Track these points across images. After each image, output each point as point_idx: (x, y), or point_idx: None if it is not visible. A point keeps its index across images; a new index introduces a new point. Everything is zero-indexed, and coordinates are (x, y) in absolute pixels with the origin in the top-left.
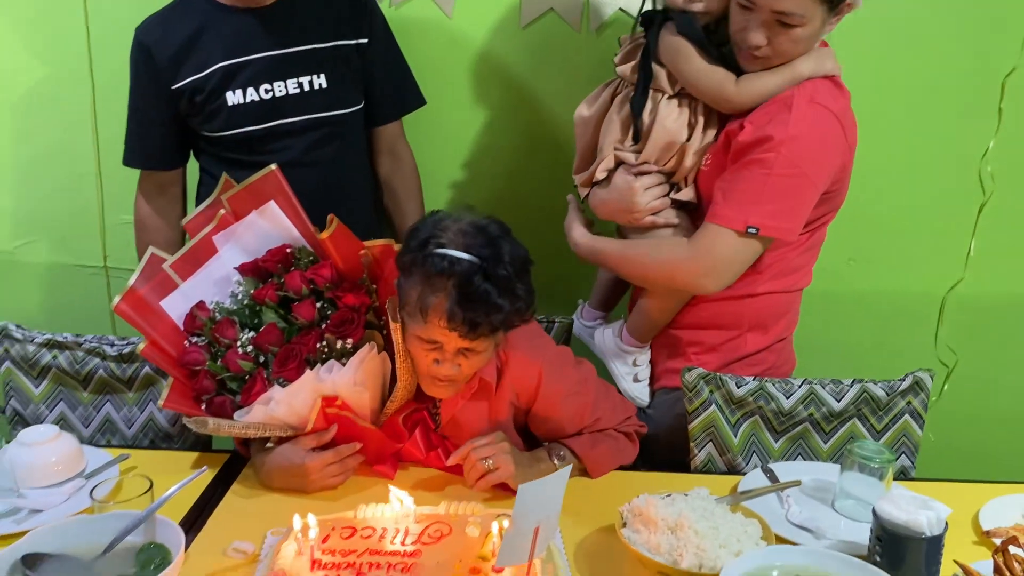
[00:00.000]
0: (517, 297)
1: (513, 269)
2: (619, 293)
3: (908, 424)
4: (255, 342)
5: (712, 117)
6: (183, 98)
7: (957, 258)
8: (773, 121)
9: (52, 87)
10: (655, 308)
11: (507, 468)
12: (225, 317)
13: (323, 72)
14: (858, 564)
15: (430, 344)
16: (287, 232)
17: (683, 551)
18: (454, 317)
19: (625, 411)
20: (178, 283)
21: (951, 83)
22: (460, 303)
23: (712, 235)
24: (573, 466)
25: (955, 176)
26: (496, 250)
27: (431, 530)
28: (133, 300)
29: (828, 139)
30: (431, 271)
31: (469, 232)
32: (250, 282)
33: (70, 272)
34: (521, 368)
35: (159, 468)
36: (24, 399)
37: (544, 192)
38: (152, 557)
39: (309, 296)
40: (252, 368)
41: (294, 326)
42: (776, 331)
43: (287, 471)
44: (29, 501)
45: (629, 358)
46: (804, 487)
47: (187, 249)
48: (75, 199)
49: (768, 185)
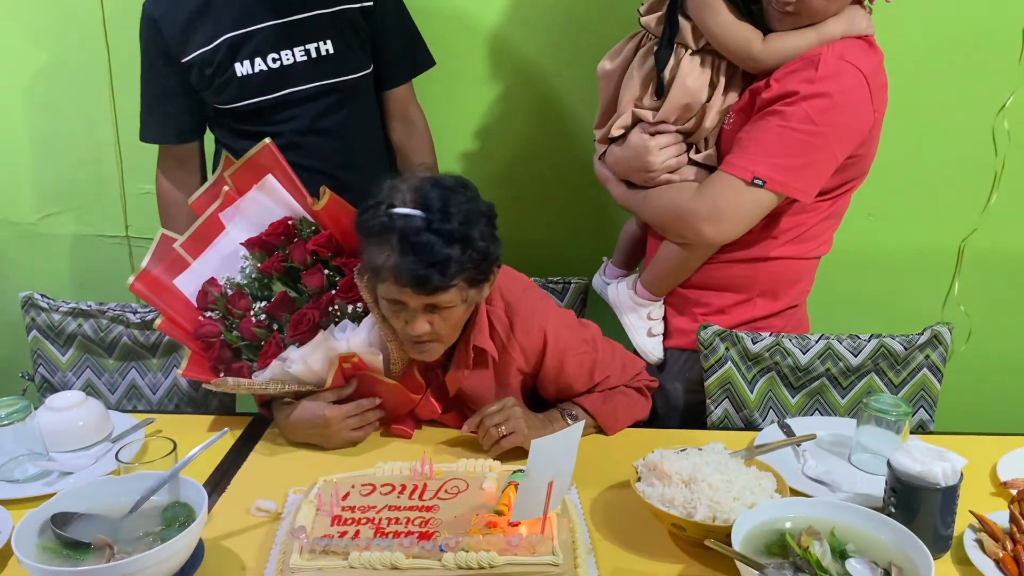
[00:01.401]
0: (468, 248)
1: (461, 219)
2: (640, 252)
3: (926, 378)
4: (267, 310)
5: (735, 78)
6: (193, 71)
7: (974, 212)
8: (797, 76)
9: (69, 60)
10: (671, 259)
11: (520, 432)
12: (237, 290)
13: (329, 38)
14: (872, 515)
15: (396, 305)
16: (287, 205)
17: (697, 504)
18: (400, 272)
19: (634, 367)
20: (189, 262)
21: (969, 34)
22: (403, 257)
23: (719, 182)
24: (588, 424)
25: (974, 129)
26: (444, 202)
27: (448, 486)
28: (147, 280)
29: (853, 100)
30: (378, 229)
31: (419, 188)
32: (257, 256)
33: (93, 242)
34: (526, 331)
35: (183, 432)
36: (52, 367)
37: (559, 154)
38: (177, 515)
39: (315, 264)
40: (266, 335)
41: (304, 294)
42: (787, 298)
43: (309, 424)
44: (58, 464)
45: (643, 311)
46: (820, 441)
47: (195, 228)
48: (96, 170)
49: (783, 138)
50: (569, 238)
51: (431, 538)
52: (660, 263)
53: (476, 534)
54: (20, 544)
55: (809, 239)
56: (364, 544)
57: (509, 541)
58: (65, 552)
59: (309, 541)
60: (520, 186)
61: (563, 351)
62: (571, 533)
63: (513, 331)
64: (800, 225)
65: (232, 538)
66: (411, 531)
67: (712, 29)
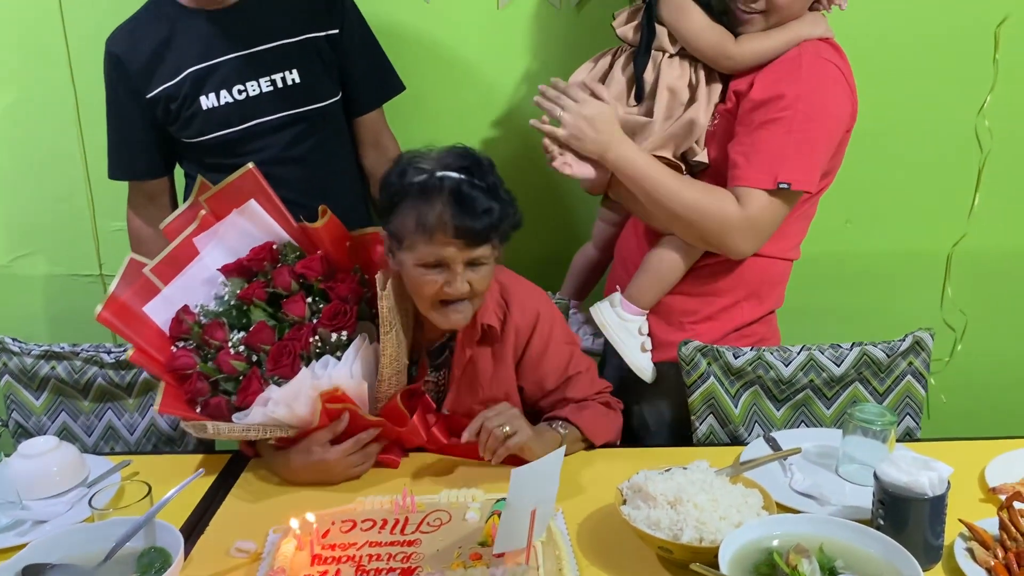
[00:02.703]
0: (504, 201)
1: (492, 177)
2: (595, 279)
3: (911, 385)
4: (246, 341)
5: (713, 74)
6: (159, 106)
7: (960, 214)
8: (784, 79)
9: (35, 98)
10: (661, 266)
11: (524, 431)
12: (213, 319)
13: (296, 67)
14: (860, 529)
15: (437, 267)
16: (270, 230)
17: (683, 525)
18: (459, 224)
19: (601, 384)
20: (160, 287)
21: (943, 36)
22: (459, 211)
23: (745, 199)
24: (574, 438)
25: (953, 131)
26: (474, 160)
27: (431, 518)
28: (116, 307)
29: (837, 93)
30: (423, 191)
31: (443, 155)
32: (236, 282)
33: (66, 282)
34: (521, 309)
35: (161, 473)
36: (26, 412)
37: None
38: (153, 561)
39: (299, 291)
40: (245, 368)
41: (284, 323)
42: (769, 302)
43: (310, 467)
44: (32, 513)
45: (632, 326)
46: (807, 453)
47: (167, 252)
48: (66, 209)
49: (790, 142)
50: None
51: (413, 573)
52: (649, 273)
53: (459, 567)
54: None
55: (785, 237)
56: None
57: (493, 574)
58: None
59: None
60: None
61: (549, 336)
62: (557, 561)
63: (509, 310)
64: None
65: None
66: (393, 567)
67: (686, 33)
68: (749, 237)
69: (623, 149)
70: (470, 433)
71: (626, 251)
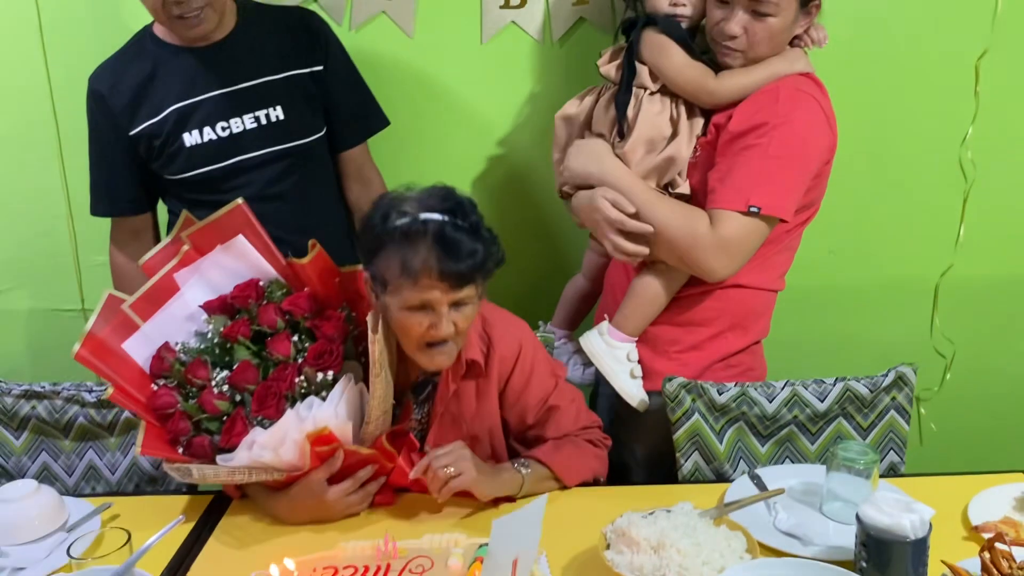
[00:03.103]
0: (487, 239)
1: (474, 217)
2: (586, 309)
3: (894, 420)
4: (231, 381)
5: (694, 109)
6: (141, 143)
7: (946, 245)
8: (763, 110)
9: (16, 134)
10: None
11: (468, 473)
12: (196, 357)
13: (279, 104)
14: (841, 573)
15: (422, 309)
16: (256, 266)
17: (666, 571)
18: (442, 268)
19: (588, 419)
20: (139, 324)
21: (924, 69)
22: (444, 255)
23: (718, 220)
24: (544, 476)
25: (936, 163)
26: (456, 201)
27: (413, 564)
28: (94, 345)
29: (814, 123)
30: (406, 235)
31: (423, 196)
32: (219, 320)
33: (49, 317)
34: (504, 341)
35: (142, 515)
36: (6, 452)
37: (512, 207)
38: None
39: (284, 330)
40: (229, 408)
41: (269, 362)
42: (754, 332)
43: (309, 508)
44: (10, 560)
45: (620, 353)
46: (792, 491)
47: (147, 288)
48: (48, 243)
49: (764, 167)
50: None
51: None
52: (634, 300)
53: None
54: None
55: (769, 268)
56: None
57: None
58: None
59: None
60: None
61: (531, 367)
62: None
63: (492, 343)
64: (762, 255)
65: None
66: None
67: (667, 71)
68: (720, 257)
69: (610, 161)
70: (418, 471)
71: (615, 280)
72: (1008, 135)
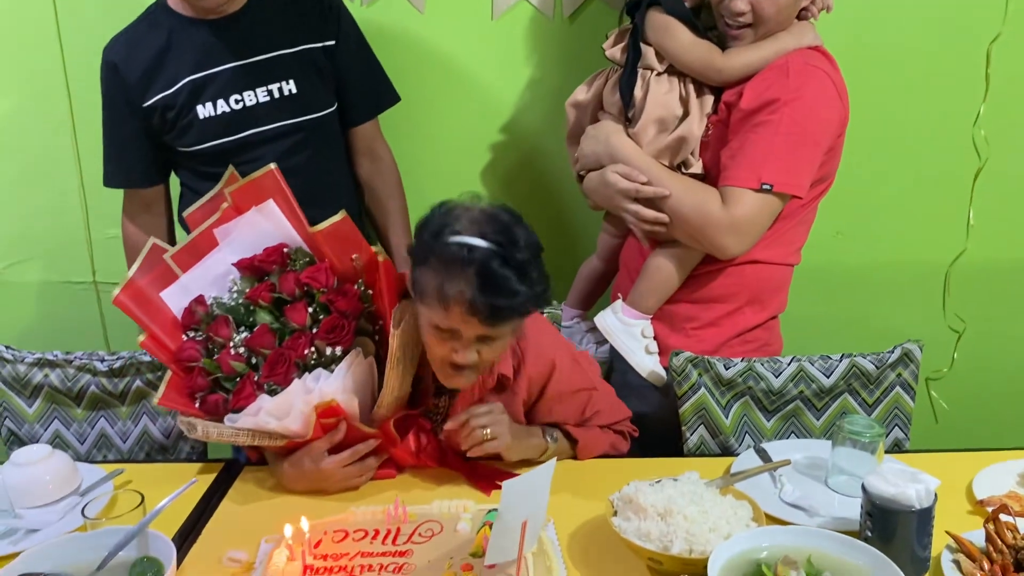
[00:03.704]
0: (534, 282)
1: (529, 254)
2: (600, 290)
3: (900, 396)
4: (247, 343)
5: (703, 88)
6: (155, 115)
7: (956, 228)
8: (774, 85)
9: (30, 106)
10: (660, 270)
11: (504, 438)
12: (221, 315)
13: (292, 78)
14: (848, 541)
15: (448, 333)
16: (284, 231)
17: (673, 537)
18: (476, 304)
19: (621, 413)
20: (178, 274)
21: (936, 53)
22: (482, 290)
23: (730, 198)
24: (562, 451)
25: (946, 145)
26: (511, 235)
27: (422, 529)
28: (132, 291)
29: (825, 97)
30: (449, 259)
31: (482, 219)
32: (246, 280)
33: (60, 289)
34: (536, 361)
35: (154, 481)
36: (18, 419)
37: (524, 184)
38: (145, 571)
39: (302, 299)
40: (243, 369)
41: (286, 328)
42: (771, 308)
43: (307, 477)
44: (25, 521)
45: (635, 329)
46: (797, 465)
47: (189, 241)
48: (60, 216)
49: (776, 144)
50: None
51: None
52: (647, 279)
53: None
54: None
55: (784, 244)
56: None
57: None
58: None
59: None
60: None
61: (564, 386)
62: (548, 572)
63: (524, 360)
64: (777, 230)
65: None
66: None
67: (673, 51)
68: (733, 235)
69: (617, 139)
70: (455, 423)
71: (629, 260)
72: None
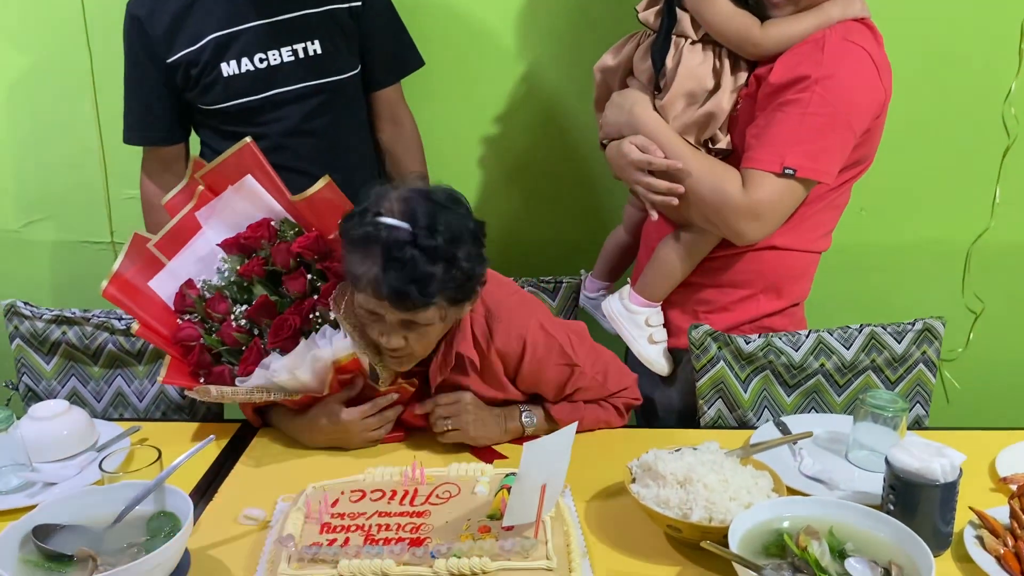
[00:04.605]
0: (455, 267)
1: (448, 237)
2: (626, 262)
3: (922, 373)
4: (248, 315)
5: (739, 61)
6: (178, 71)
7: (981, 206)
8: (806, 61)
9: (50, 63)
10: (668, 259)
11: (464, 430)
12: (216, 292)
13: (317, 38)
14: (871, 513)
15: (373, 316)
16: (266, 206)
17: (693, 505)
18: (380, 286)
19: (619, 382)
20: (164, 262)
21: (967, 27)
22: (386, 271)
23: (750, 180)
24: (543, 429)
25: (976, 122)
26: (432, 218)
27: (440, 491)
28: (120, 284)
29: (862, 77)
30: (363, 239)
31: (409, 198)
32: (235, 259)
33: (77, 249)
34: (505, 339)
35: (170, 440)
36: (36, 375)
37: (549, 153)
38: (162, 525)
39: (298, 268)
40: (247, 340)
41: (286, 298)
42: (789, 296)
43: (327, 431)
44: (42, 475)
45: (639, 318)
46: (817, 439)
47: (170, 227)
48: (79, 175)
49: (803, 125)
50: (559, 237)
51: (422, 544)
52: (657, 265)
53: (468, 539)
54: (0, 558)
55: (808, 230)
56: (354, 552)
57: (502, 546)
58: (47, 565)
59: (298, 549)
60: (509, 185)
61: (541, 361)
62: (565, 537)
63: (492, 339)
64: (800, 215)
65: (219, 547)
66: (402, 538)
67: (710, 19)
68: (750, 220)
69: (641, 110)
70: (422, 409)
71: (651, 236)
72: None
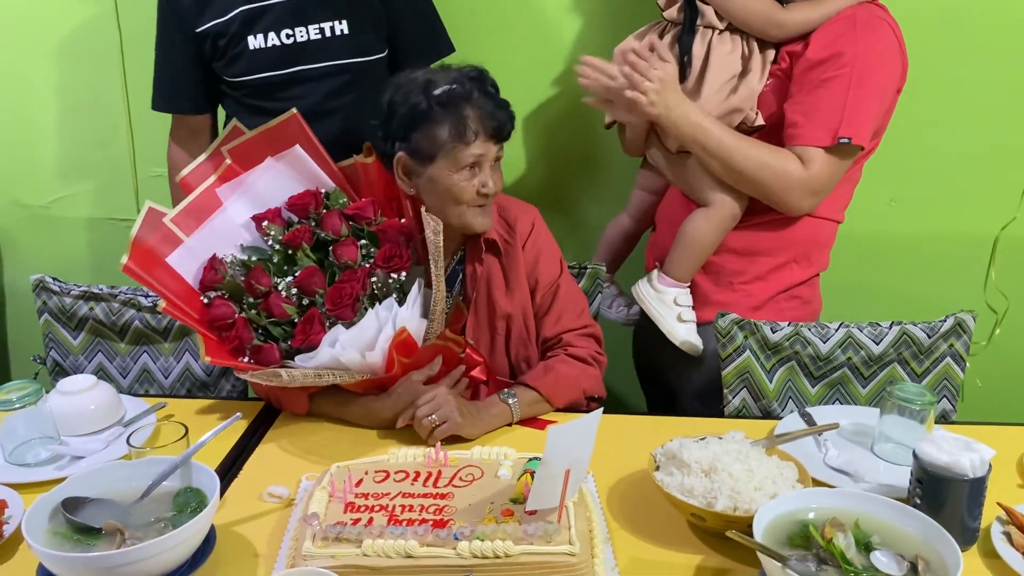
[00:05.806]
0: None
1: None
2: (627, 251)
3: (950, 367)
4: (297, 284)
5: (766, 42)
6: (207, 41)
7: (1010, 198)
8: (841, 37)
9: (80, 41)
10: (697, 236)
11: (452, 420)
12: (257, 265)
13: (345, 17)
14: (898, 506)
15: (471, 167)
16: (312, 176)
17: (717, 494)
18: (486, 120)
19: (589, 321)
20: (182, 238)
21: (997, 13)
22: (489, 111)
23: (807, 158)
24: (533, 402)
25: (1006, 111)
26: (479, 70)
27: (463, 473)
28: (140, 254)
29: (891, 52)
30: (449, 102)
31: (444, 70)
32: (278, 228)
33: (104, 225)
34: (521, 221)
35: (195, 416)
36: (63, 350)
37: (574, 141)
38: (188, 501)
39: (349, 236)
40: (298, 311)
41: (335, 267)
42: (816, 264)
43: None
44: (70, 448)
45: (668, 297)
46: (842, 431)
47: (187, 203)
48: (107, 152)
49: (849, 97)
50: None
51: (445, 526)
52: (685, 243)
53: (491, 522)
54: (30, 529)
55: (835, 199)
56: (377, 531)
57: (525, 530)
58: (76, 537)
59: (322, 528)
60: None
61: (541, 246)
62: (588, 522)
63: (511, 222)
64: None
65: (244, 524)
66: (425, 519)
67: (732, 9)
68: (808, 195)
69: (685, 107)
70: (404, 419)
71: (672, 213)
72: None
